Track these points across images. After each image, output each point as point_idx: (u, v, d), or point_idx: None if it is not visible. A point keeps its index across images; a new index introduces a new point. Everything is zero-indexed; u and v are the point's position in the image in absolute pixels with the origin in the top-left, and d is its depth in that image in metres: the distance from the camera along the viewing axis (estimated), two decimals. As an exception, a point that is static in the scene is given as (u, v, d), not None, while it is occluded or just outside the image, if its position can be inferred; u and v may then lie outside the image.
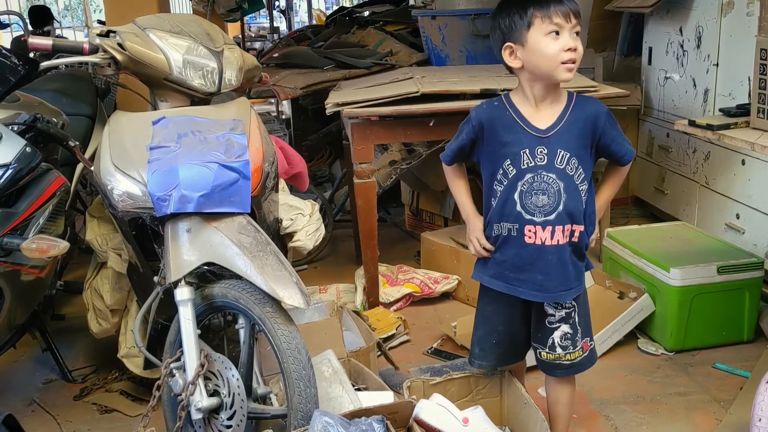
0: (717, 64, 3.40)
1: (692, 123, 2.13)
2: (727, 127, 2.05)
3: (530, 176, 1.78)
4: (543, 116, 1.79)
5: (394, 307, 3.14)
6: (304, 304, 1.74)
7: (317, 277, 3.52)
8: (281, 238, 2.29)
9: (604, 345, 2.72)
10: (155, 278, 1.95)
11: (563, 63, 1.69)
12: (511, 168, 1.80)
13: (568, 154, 1.76)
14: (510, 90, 1.90)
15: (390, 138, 2.94)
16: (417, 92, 2.77)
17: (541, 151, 1.77)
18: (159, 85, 2.03)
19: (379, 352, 2.50)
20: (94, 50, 1.98)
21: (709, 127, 2.06)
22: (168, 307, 1.92)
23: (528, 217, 1.80)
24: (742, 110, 2.11)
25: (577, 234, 1.84)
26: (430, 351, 2.81)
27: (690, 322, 2.70)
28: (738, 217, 3.20)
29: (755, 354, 2.62)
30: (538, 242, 1.81)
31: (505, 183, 1.82)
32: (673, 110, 3.82)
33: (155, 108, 2.08)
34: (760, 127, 2.00)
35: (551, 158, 1.77)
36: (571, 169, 1.77)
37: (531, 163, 1.78)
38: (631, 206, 4.34)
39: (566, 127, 1.77)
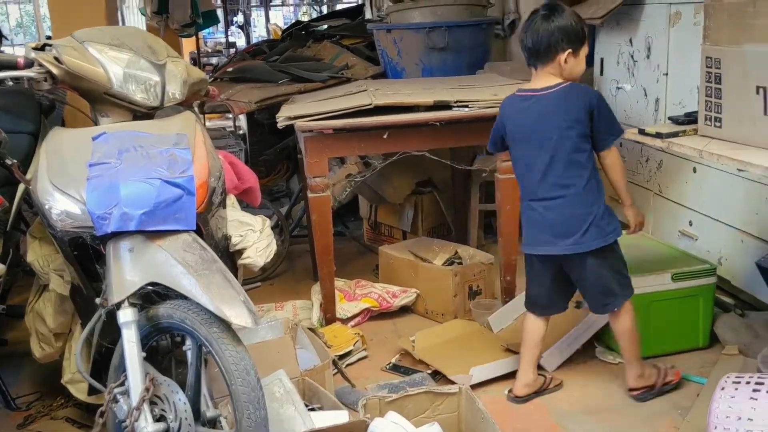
0: (667, 74, 3.45)
1: (642, 132, 2.14)
2: (675, 135, 2.06)
3: None
4: None
5: (352, 323, 3.09)
6: (252, 323, 1.69)
7: (273, 294, 3.46)
8: (231, 256, 2.23)
9: (562, 355, 2.70)
10: (97, 300, 1.88)
11: None
12: None
13: None
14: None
15: (344, 151, 2.91)
16: (370, 105, 2.74)
17: None
18: (99, 99, 1.97)
19: (335, 370, 2.45)
20: (29, 64, 1.91)
21: (658, 136, 2.07)
22: (112, 330, 1.85)
23: None
24: (691, 118, 2.13)
25: None
26: (388, 367, 2.76)
27: (647, 330, 2.70)
28: (691, 224, 3.23)
29: (711, 360, 2.64)
30: None
31: None
32: (626, 119, 3.85)
33: (96, 123, 2.01)
34: (708, 135, 2.01)
35: None
36: None
37: None
38: (588, 216, 4.36)
39: None
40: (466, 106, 2.76)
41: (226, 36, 10.14)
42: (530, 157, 2.27)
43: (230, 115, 6.62)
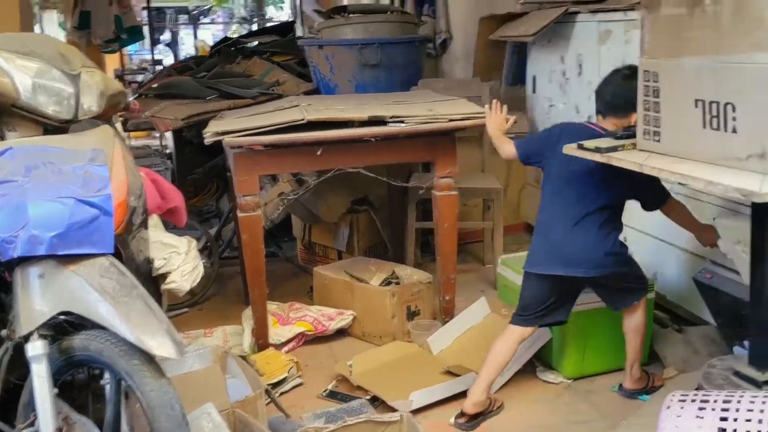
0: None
1: (581, 147, 2.11)
2: (614, 149, 2.04)
3: None
4: None
5: (286, 348, 2.96)
6: (176, 353, 1.55)
7: (202, 320, 3.29)
8: (154, 281, 2.08)
9: (503, 377, 2.64)
10: (3, 332, 1.71)
11: None
12: None
13: None
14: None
15: (276, 168, 2.79)
16: (302, 120, 2.64)
17: None
18: (5, 112, 1.79)
19: (269, 399, 2.32)
20: (-77, 74, 1.72)
21: (597, 150, 2.04)
22: (20, 365, 1.68)
23: None
24: (629, 132, 2.11)
25: None
26: (325, 394, 2.64)
27: (588, 348, 2.67)
28: (625, 239, 3.23)
29: (651, 377, 2.62)
30: None
31: None
32: (560, 137, 3.87)
33: (2, 138, 1.83)
34: (647, 149, 1.99)
35: None
36: None
37: None
38: (524, 233, 4.36)
39: None
40: (402, 122, 2.69)
41: (152, 52, 9.85)
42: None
43: (157, 133, 6.38)
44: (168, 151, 5.77)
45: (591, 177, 2.31)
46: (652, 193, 2.41)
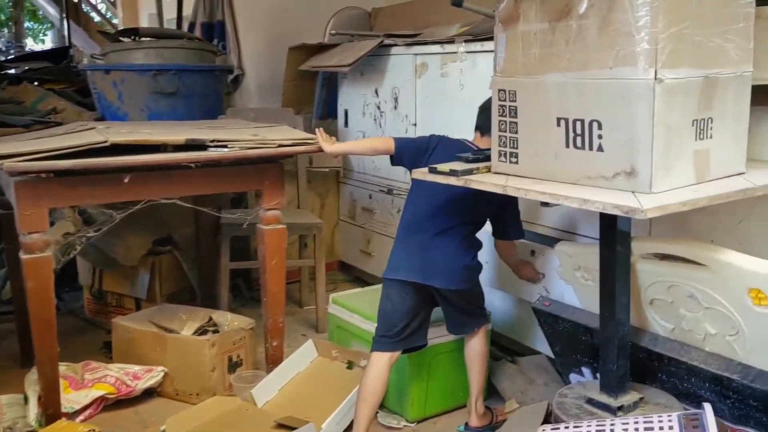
0: (415, 124, 3.44)
1: (434, 171, 1.97)
2: (470, 172, 1.93)
3: None
4: None
5: (82, 417, 2.49)
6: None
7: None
8: None
9: (341, 424, 2.41)
10: None
11: None
12: None
13: None
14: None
15: (70, 199, 2.32)
16: (105, 142, 2.23)
17: None
18: None
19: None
20: None
21: (453, 173, 1.91)
22: None
23: None
24: (479, 156, 2.02)
25: None
26: (137, 468, 2.21)
27: (430, 387, 2.53)
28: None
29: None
30: None
31: None
32: (374, 171, 3.78)
33: None
34: (503, 171, 1.90)
35: None
36: None
37: None
38: (338, 271, 4.18)
39: None
40: (225, 146, 2.38)
41: None
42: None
43: None
44: None
45: (457, 192, 2.22)
46: (511, 224, 2.41)
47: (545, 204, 1.78)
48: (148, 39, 4.08)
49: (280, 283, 2.63)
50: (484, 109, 2.32)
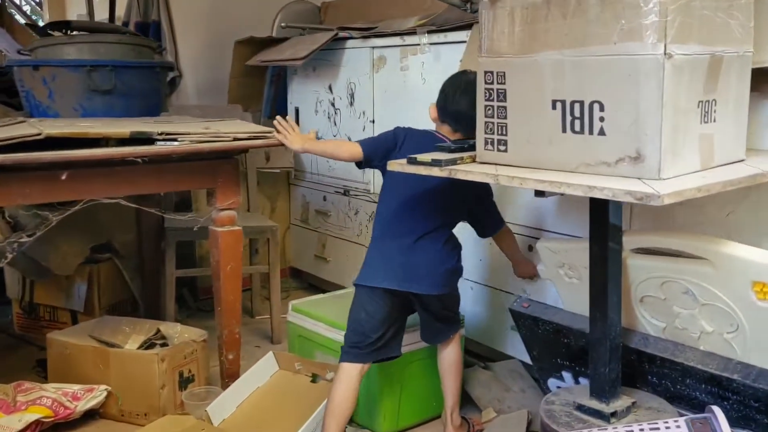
0: (373, 121, 3.27)
1: (413, 161, 1.80)
2: (454, 162, 1.77)
3: None
4: None
5: (14, 445, 2.19)
6: None
7: None
8: None
9: (306, 443, 2.20)
10: None
11: None
12: None
13: None
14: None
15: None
16: (39, 135, 1.98)
17: None
18: None
19: None
20: None
21: (435, 163, 1.75)
22: None
23: None
24: (462, 145, 1.86)
25: None
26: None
27: (403, 398, 2.35)
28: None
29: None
30: None
31: None
32: (329, 171, 3.59)
33: None
34: (489, 161, 1.75)
35: None
36: None
37: None
38: (289, 278, 3.96)
39: None
40: (175, 140, 2.16)
41: None
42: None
43: None
44: None
45: (436, 189, 2.08)
46: (491, 216, 2.27)
47: (540, 194, 1.64)
48: (81, 33, 3.80)
49: (236, 290, 2.42)
50: (452, 102, 2.13)
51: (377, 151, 2.16)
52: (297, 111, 3.78)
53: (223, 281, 2.38)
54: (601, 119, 1.52)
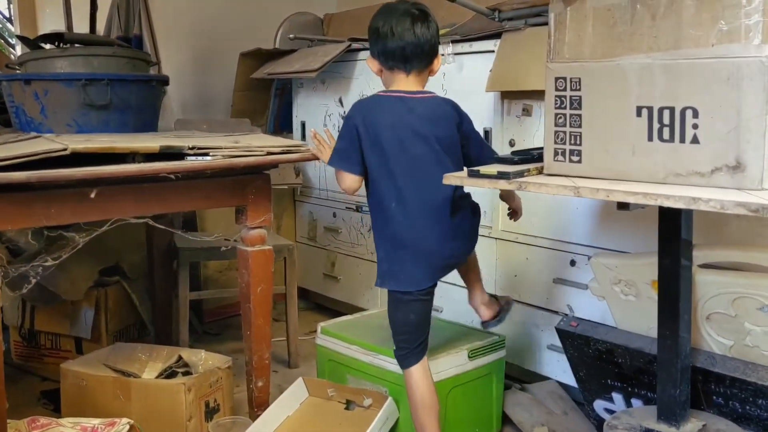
0: (389, 135, 3.15)
1: (475, 174, 1.69)
2: (521, 174, 1.67)
3: None
4: None
5: (31, 488, 2.00)
6: None
7: None
8: None
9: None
10: None
11: None
12: None
13: None
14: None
15: (21, 220, 1.88)
16: (65, 150, 1.82)
17: None
18: None
19: None
20: None
21: (503, 176, 1.64)
22: None
23: None
24: (525, 156, 1.77)
25: None
26: None
27: (445, 425, 2.22)
28: (440, 296, 2.90)
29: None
30: None
31: None
32: (337, 187, 3.46)
33: None
34: (560, 173, 1.65)
35: None
36: None
37: None
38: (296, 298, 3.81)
39: None
40: (207, 155, 2.02)
41: None
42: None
43: None
44: None
45: (437, 159, 1.99)
46: (486, 147, 2.14)
47: (623, 207, 1.55)
48: (74, 46, 3.63)
49: (267, 313, 2.28)
50: (398, 44, 1.92)
51: (358, 161, 2.01)
52: (303, 125, 3.66)
53: (254, 304, 2.24)
54: (695, 126, 1.43)
